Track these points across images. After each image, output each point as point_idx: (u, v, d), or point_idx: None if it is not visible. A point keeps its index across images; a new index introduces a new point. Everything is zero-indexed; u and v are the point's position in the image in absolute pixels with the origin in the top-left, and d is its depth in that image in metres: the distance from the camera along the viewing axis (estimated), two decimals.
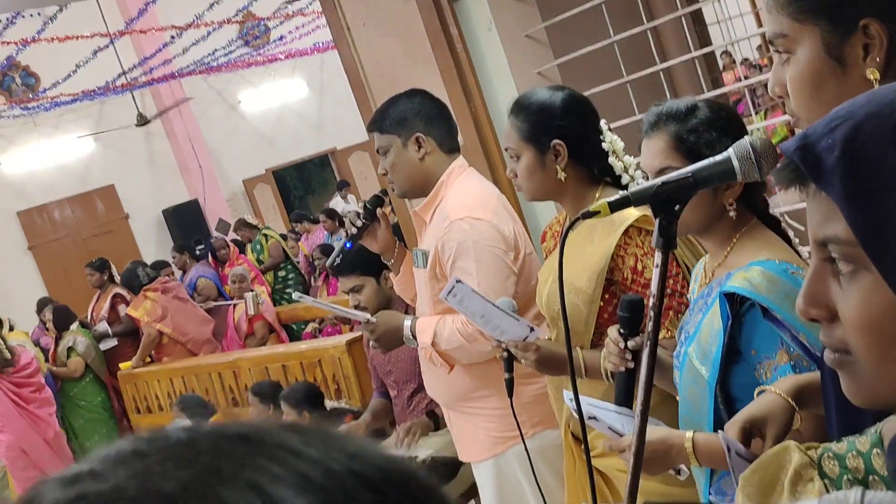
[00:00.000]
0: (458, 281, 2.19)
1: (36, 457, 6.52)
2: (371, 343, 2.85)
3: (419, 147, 2.66)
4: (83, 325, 7.84)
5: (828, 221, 0.74)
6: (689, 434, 1.58)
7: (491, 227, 2.53)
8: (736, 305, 1.55)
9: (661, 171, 1.70)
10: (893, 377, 0.73)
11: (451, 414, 2.83)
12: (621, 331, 1.72)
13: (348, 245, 2.81)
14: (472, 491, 3.27)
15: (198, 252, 9.25)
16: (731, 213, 1.64)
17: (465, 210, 2.55)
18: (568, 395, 2.00)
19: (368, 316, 2.82)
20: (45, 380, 7.19)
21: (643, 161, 1.78)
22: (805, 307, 0.77)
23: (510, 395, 2.26)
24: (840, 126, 0.73)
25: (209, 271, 8.74)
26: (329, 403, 4.69)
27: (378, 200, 2.84)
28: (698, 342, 1.63)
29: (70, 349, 7.52)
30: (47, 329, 7.74)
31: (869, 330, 0.72)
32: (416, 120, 2.67)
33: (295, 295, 3.19)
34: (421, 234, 2.79)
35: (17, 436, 6.41)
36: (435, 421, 3.56)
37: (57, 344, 7.62)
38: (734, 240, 1.66)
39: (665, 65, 3.46)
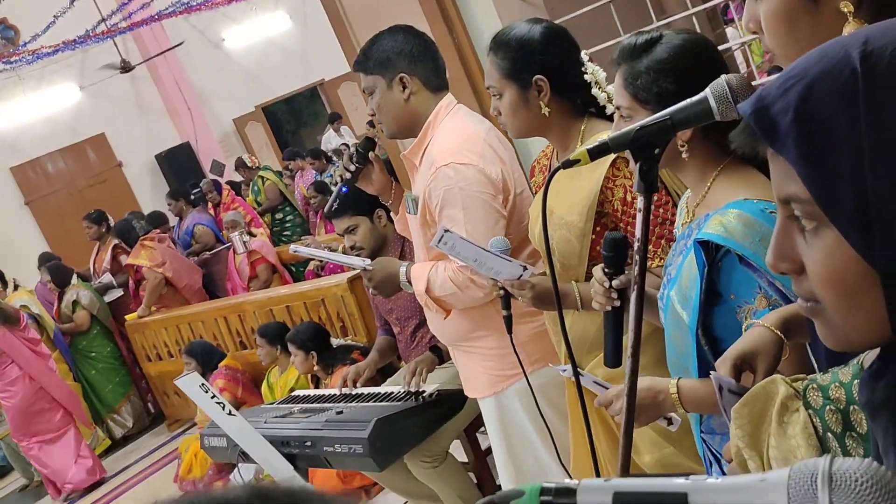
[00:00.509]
0: (447, 230, 2.19)
1: (58, 396, 6.73)
2: (370, 291, 2.87)
3: (403, 88, 2.62)
4: (82, 277, 7.89)
5: (787, 181, 0.76)
6: (673, 381, 1.60)
7: (477, 171, 2.50)
8: (711, 252, 1.55)
9: (619, 110, 1.69)
10: (859, 324, 0.76)
11: (454, 351, 2.87)
12: (606, 270, 1.72)
13: (344, 189, 2.80)
14: (480, 421, 3.33)
15: (192, 197, 9.20)
16: (684, 155, 1.61)
17: (449, 155, 2.51)
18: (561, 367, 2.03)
19: (364, 263, 2.83)
20: (54, 336, 7.29)
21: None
22: (774, 262, 0.80)
23: (509, 331, 2.29)
24: (793, 87, 0.74)
25: (206, 217, 8.75)
26: (335, 341, 4.74)
27: (370, 143, 2.81)
28: (679, 286, 1.64)
29: (74, 303, 7.58)
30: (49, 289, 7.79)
31: (832, 282, 0.75)
32: (399, 59, 2.61)
33: (291, 247, 3.19)
34: (413, 178, 2.77)
35: (40, 378, 6.67)
36: (439, 355, 3.60)
37: (60, 300, 7.68)
38: (711, 178, 1.64)
39: None
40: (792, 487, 0.61)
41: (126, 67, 11.77)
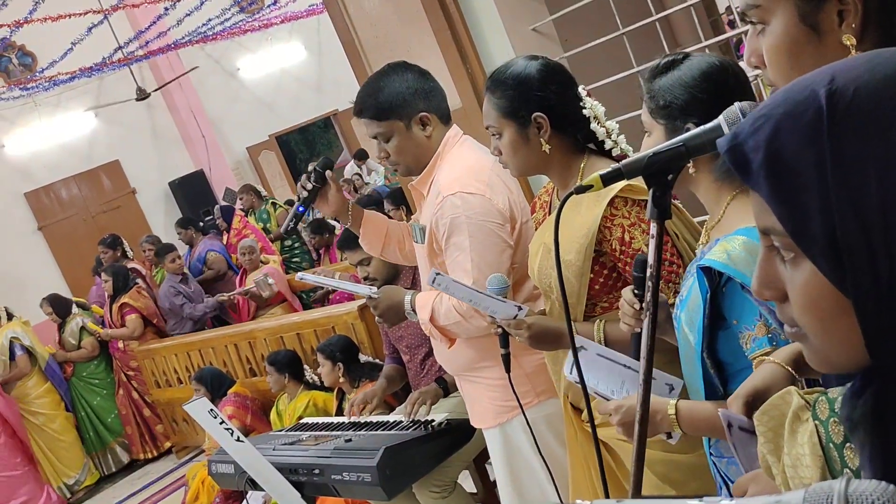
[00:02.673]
0: (438, 273, 2.18)
1: (20, 434, 6.88)
2: (376, 319, 2.86)
3: (424, 126, 2.59)
4: (81, 306, 7.93)
5: (764, 213, 0.79)
6: (672, 402, 1.61)
7: (484, 200, 2.49)
8: (715, 278, 1.57)
9: (646, 130, 1.71)
10: (838, 348, 0.79)
11: (460, 381, 2.86)
12: (636, 291, 1.71)
13: (301, 209, 2.76)
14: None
15: (202, 224, 9.25)
16: (691, 171, 1.62)
17: (457, 185, 2.50)
18: (569, 364, 2.02)
19: (371, 292, 2.83)
20: (48, 368, 7.34)
21: None
22: (759, 289, 0.84)
23: (507, 370, 2.28)
24: (763, 126, 0.77)
25: (217, 244, 8.77)
26: (363, 357, 4.74)
27: (328, 162, 2.78)
28: (687, 308, 1.64)
29: (82, 330, 7.61)
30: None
31: (811, 310, 0.79)
32: (415, 99, 2.58)
33: (298, 275, 3.19)
34: (420, 207, 2.77)
35: (10, 417, 6.90)
36: (444, 387, 3.60)
37: (61, 331, 7.70)
38: (727, 201, 1.62)
39: (662, 14, 3.41)
40: None
41: (142, 95, 11.87)
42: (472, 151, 2.66)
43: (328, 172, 2.75)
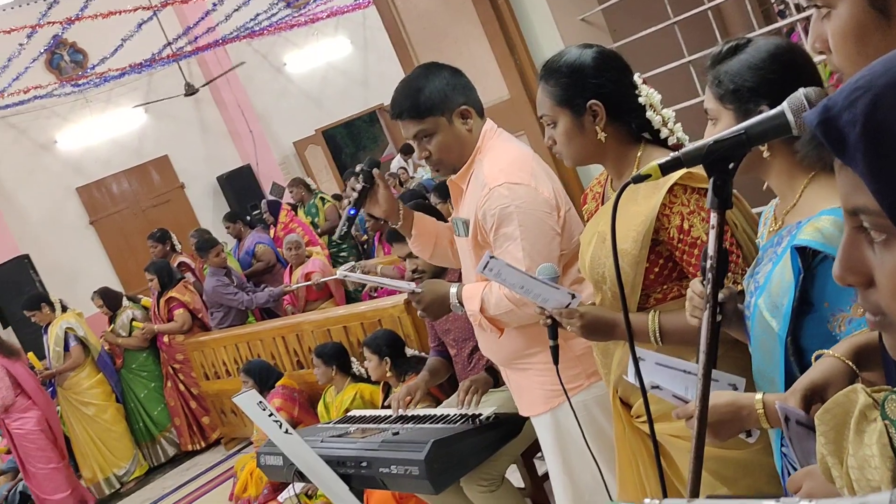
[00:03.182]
0: (492, 256, 2.16)
1: (55, 429, 7.00)
2: (419, 313, 2.85)
3: (465, 119, 2.61)
4: (131, 299, 8.06)
5: (855, 192, 0.74)
6: (758, 396, 1.54)
7: (530, 190, 2.50)
8: (808, 258, 1.50)
9: (707, 113, 1.67)
10: None
11: (507, 371, 2.84)
12: (704, 282, 1.67)
13: (352, 212, 2.77)
14: (538, 446, 3.29)
15: (249, 218, 9.33)
16: (765, 154, 1.58)
17: (502, 176, 2.51)
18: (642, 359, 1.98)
19: (413, 287, 2.82)
20: (99, 360, 7.47)
21: None
22: (841, 274, 0.79)
23: (556, 361, 2.25)
24: (860, 98, 0.72)
25: (266, 237, 8.85)
26: (409, 351, 4.74)
27: (373, 162, 2.77)
28: (768, 293, 1.59)
29: (132, 321, 7.73)
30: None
31: None
32: (454, 94, 2.61)
33: (338, 272, 3.19)
34: (458, 203, 2.76)
35: (44, 409, 7.01)
36: (494, 376, 3.57)
37: (112, 322, 7.83)
38: (802, 185, 1.59)
39: (714, 2, 3.35)
40: None
41: (190, 91, 12.01)
42: (511, 144, 2.68)
43: (375, 171, 2.75)
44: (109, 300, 7.87)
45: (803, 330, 1.54)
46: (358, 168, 2.87)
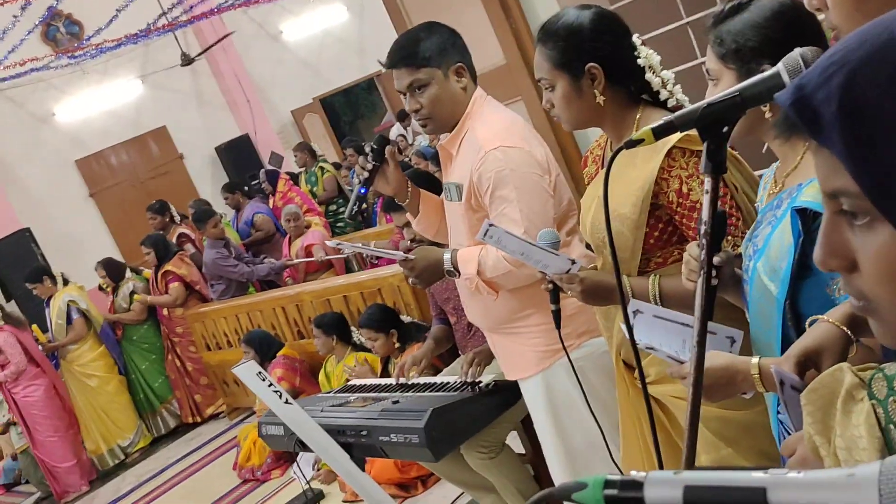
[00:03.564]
0: (492, 224, 2.15)
1: (63, 397, 7.18)
2: (410, 280, 2.84)
3: (459, 77, 2.62)
4: (134, 270, 8.06)
5: (834, 174, 0.70)
6: (754, 360, 1.53)
7: (524, 153, 2.52)
8: (809, 221, 1.47)
9: (708, 74, 1.64)
10: None
11: (495, 337, 2.84)
12: (700, 246, 1.65)
13: (363, 191, 2.78)
14: None
15: (247, 188, 9.30)
16: (767, 115, 1.55)
17: (497, 139, 2.52)
18: (634, 307, 1.96)
19: (404, 254, 2.81)
20: (102, 332, 7.50)
21: None
22: (823, 259, 0.75)
23: (558, 326, 2.24)
24: (835, 74, 0.68)
25: (264, 207, 8.81)
26: (405, 318, 4.74)
27: (383, 140, 2.76)
28: (767, 257, 1.56)
29: (132, 294, 7.73)
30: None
31: (888, 279, 0.70)
32: (453, 50, 2.62)
33: (331, 242, 3.18)
34: (447, 168, 2.76)
35: (52, 377, 7.17)
36: None
37: (115, 294, 7.84)
38: (805, 146, 1.55)
39: None
40: (884, 483, 0.56)
41: (186, 61, 11.91)
42: (501, 109, 2.71)
43: (388, 149, 2.74)
44: (112, 271, 7.88)
45: (802, 294, 1.51)
46: (367, 148, 2.84)
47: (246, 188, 9.19)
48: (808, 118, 0.70)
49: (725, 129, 1.23)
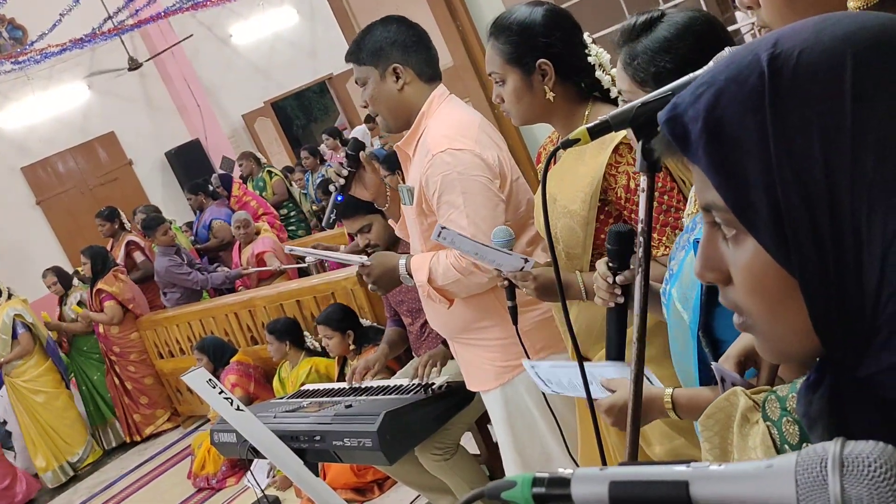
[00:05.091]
0: (444, 227, 2.15)
1: None
2: (369, 286, 2.82)
3: (397, 78, 2.59)
4: (81, 279, 7.90)
5: (705, 188, 0.73)
6: (668, 391, 1.54)
7: (473, 156, 2.48)
8: None
9: (620, 95, 1.64)
10: (788, 335, 0.72)
11: (456, 345, 2.83)
12: (610, 264, 1.66)
13: (339, 198, 2.75)
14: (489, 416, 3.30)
15: (211, 189, 9.15)
16: None
17: (445, 142, 2.49)
18: (533, 367, 1.99)
19: (362, 259, 2.79)
20: (48, 346, 7.29)
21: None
22: (700, 271, 0.77)
23: (515, 322, 2.25)
24: (703, 94, 0.71)
25: (223, 212, 8.68)
26: (364, 322, 4.72)
27: (358, 144, 2.74)
28: (680, 283, 1.56)
29: (80, 303, 7.58)
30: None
31: (755, 291, 0.72)
32: (392, 50, 2.59)
33: (286, 247, 3.16)
34: (406, 169, 2.74)
35: None
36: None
37: (62, 304, 7.67)
38: None
39: None
40: (800, 474, 0.57)
41: (134, 65, 11.75)
42: (458, 109, 2.65)
43: (362, 154, 2.72)
44: (63, 279, 7.71)
45: (716, 321, 1.50)
46: (341, 155, 2.81)
47: (211, 189, 9.01)
48: (678, 135, 0.73)
49: (659, 128, 1.24)
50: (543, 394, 2.34)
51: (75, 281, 7.79)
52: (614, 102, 2.16)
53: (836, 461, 0.56)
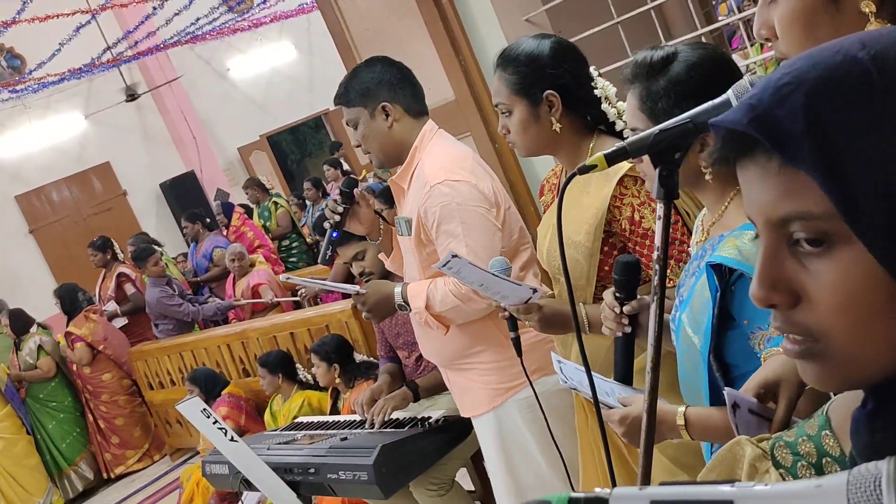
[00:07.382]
0: (454, 255, 2.13)
1: None
2: (364, 314, 2.83)
3: (386, 116, 2.65)
4: (42, 326, 7.71)
5: (791, 197, 0.69)
6: (681, 410, 1.52)
7: (470, 186, 2.52)
8: (725, 275, 1.45)
9: (634, 132, 1.61)
10: (872, 354, 0.68)
11: (449, 373, 2.84)
12: (617, 294, 1.65)
13: (335, 235, 2.81)
14: None
15: (209, 220, 9.09)
16: (708, 177, 1.50)
17: (443, 173, 2.54)
18: (560, 362, 1.96)
19: (357, 288, 2.81)
20: (7, 390, 7.07)
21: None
22: (765, 293, 0.72)
23: (519, 354, 2.24)
24: (793, 93, 0.68)
25: (223, 241, 8.63)
26: (358, 356, 4.67)
27: (352, 181, 2.83)
28: (691, 309, 1.55)
29: (40, 349, 7.39)
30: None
31: (846, 309, 0.68)
32: (379, 89, 2.65)
33: (282, 276, 3.16)
34: (400, 203, 2.78)
35: None
36: (414, 390, 3.56)
37: (17, 348, 7.46)
38: (729, 197, 1.54)
39: (656, 2, 3.37)
40: (852, 493, 0.55)
41: (131, 96, 11.78)
42: (450, 143, 2.73)
43: (356, 191, 2.80)
44: (17, 323, 7.47)
45: (726, 346, 1.49)
46: (335, 193, 2.89)
47: (208, 220, 8.95)
48: (774, 136, 0.68)
49: (678, 155, 1.24)
50: (544, 415, 2.32)
51: (34, 327, 7.52)
52: (619, 135, 2.16)
53: (891, 479, 0.54)
